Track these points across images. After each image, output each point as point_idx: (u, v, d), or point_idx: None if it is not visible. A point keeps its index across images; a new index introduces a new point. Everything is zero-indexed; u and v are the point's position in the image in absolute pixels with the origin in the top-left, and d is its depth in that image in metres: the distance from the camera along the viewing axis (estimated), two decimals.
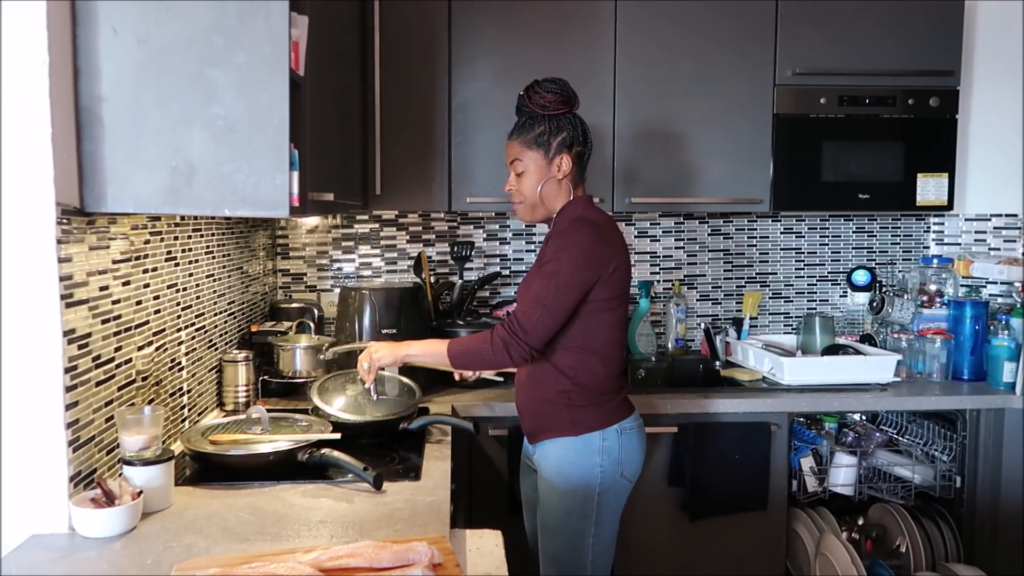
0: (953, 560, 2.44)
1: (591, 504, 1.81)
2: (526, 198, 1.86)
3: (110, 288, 1.49)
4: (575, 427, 1.80)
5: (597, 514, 1.81)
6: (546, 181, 1.83)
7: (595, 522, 1.82)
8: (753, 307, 2.97)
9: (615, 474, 1.82)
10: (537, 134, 1.82)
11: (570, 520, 1.82)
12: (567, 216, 1.84)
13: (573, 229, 1.78)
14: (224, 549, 1.28)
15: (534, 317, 1.73)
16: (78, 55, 1.34)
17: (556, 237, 1.79)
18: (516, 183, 1.87)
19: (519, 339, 1.73)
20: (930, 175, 2.63)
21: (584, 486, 1.80)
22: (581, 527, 1.81)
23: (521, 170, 1.85)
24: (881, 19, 2.55)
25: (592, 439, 1.80)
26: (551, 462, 1.83)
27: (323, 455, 1.63)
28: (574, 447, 1.80)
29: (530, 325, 1.73)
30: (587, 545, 1.82)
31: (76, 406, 1.36)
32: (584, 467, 1.80)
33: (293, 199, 1.40)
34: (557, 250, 1.75)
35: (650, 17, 2.50)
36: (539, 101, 1.82)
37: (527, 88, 1.86)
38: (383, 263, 2.89)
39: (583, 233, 1.76)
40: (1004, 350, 2.47)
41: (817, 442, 2.48)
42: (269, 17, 1.35)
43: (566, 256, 1.73)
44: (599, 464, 1.80)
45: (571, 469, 1.81)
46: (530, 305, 1.74)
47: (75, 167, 1.35)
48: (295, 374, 2.28)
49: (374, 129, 2.44)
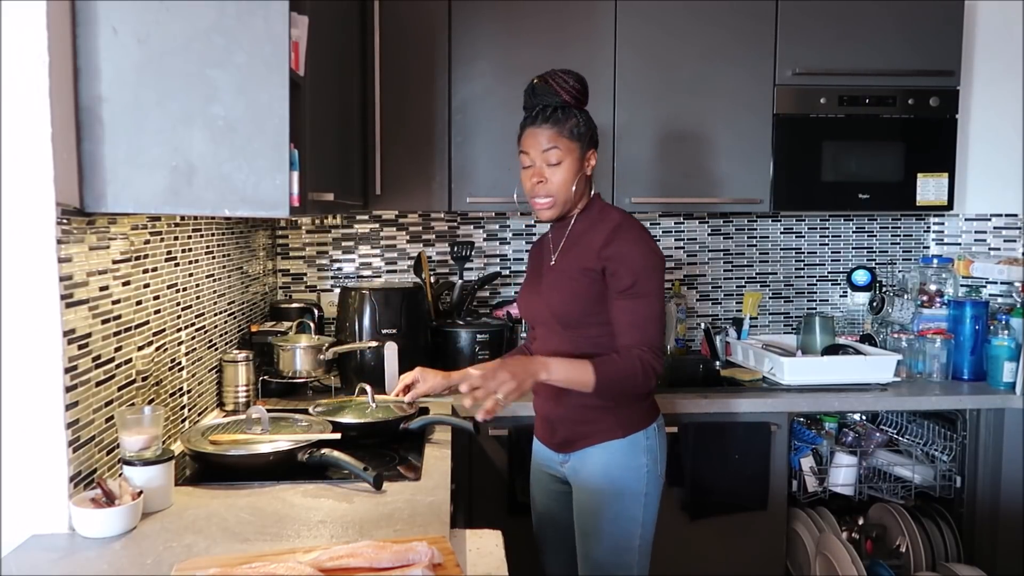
0: (953, 560, 2.44)
1: (638, 506, 1.78)
2: (558, 193, 1.77)
3: (110, 288, 1.49)
4: (622, 428, 1.77)
5: (644, 515, 1.80)
6: (579, 177, 1.77)
7: (641, 523, 1.79)
8: (753, 307, 2.97)
9: (657, 472, 1.81)
10: (572, 125, 1.75)
11: (618, 524, 1.78)
12: (607, 219, 1.78)
13: (631, 238, 1.74)
14: (224, 549, 1.28)
15: (657, 333, 1.73)
16: (78, 55, 1.34)
17: (615, 249, 1.73)
18: (548, 175, 1.76)
19: (659, 358, 1.71)
20: (930, 175, 2.63)
21: (632, 488, 1.78)
22: (629, 530, 1.79)
23: (557, 160, 1.74)
24: (881, 19, 2.55)
25: (638, 439, 1.78)
26: (596, 468, 1.79)
27: (323, 455, 1.63)
28: (620, 449, 1.77)
29: (657, 343, 1.72)
30: (634, 547, 1.79)
31: (76, 406, 1.36)
32: (631, 469, 1.78)
33: (293, 199, 1.40)
34: (636, 268, 1.71)
35: (650, 17, 2.50)
36: (565, 88, 1.75)
37: (546, 75, 1.77)
38: (383, 263, 2.89)
39: (646, 240, 1.75)
40: (1004, 350, 2.47)
41: (817, 442, 2.48)
42: (269, 17, 1.35)
43: (650, 268, 1.72)
44: (645, 464, 1.78)
45: (618, 472, 1.78)
46: (646, 325, 1.71)
47: (75, 167, 1.35)
48: (295, 374, 2.27)
49: (374, 129, 2.44)
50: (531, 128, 1.77)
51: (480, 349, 2.44)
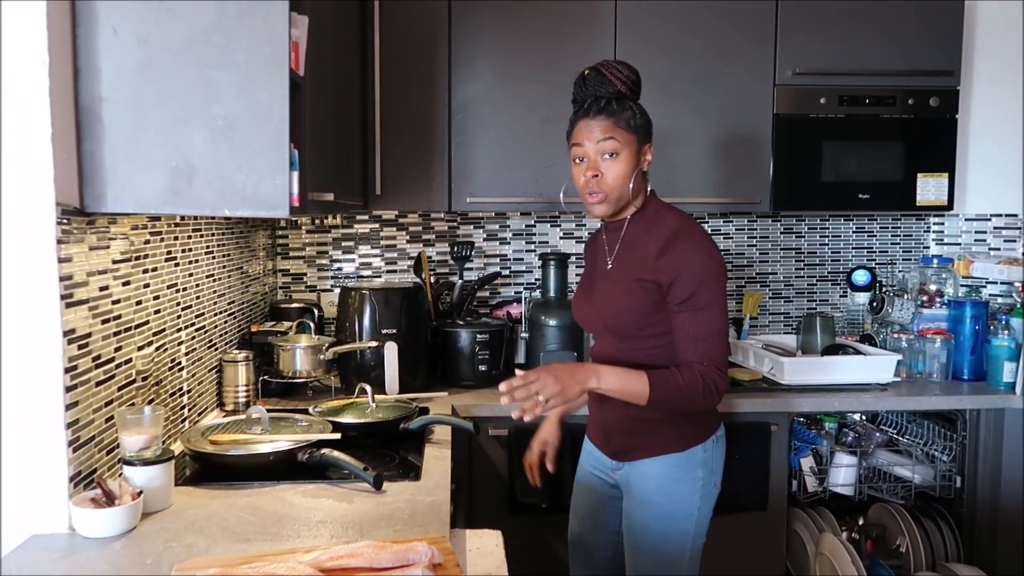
0: (953, 560, 2.44)
1: (691, 520, 1.73)
2: (613, 188, 1.66)
3: (110, 288, 1.49)
4: (680, 443, 1.71)
5: (695, 528, 1.74)
6: (636, 171, 1.67)
7: (692, 536, 1.74)
8: (753, 307, 2.97)
9: (711, 485, 1.75)
10: (628, 116, 1.65)
11: (669, 539, 1.73)
12: (664, 224, 1.69)
13: (692, 246, 1.64)
14: (224, 549, 1.28)
15: (720, 348, 1.65)
16: (78, 55, 1.34)
17: (672, 258, 1.63)
18: (603, 169, 1.65)
19: (723, 375, 1.63)
20: (930, 175, 2.63)
21: (685, 503, 1.73)
22: (680, 545, 1.74)
23: (613, 151, 1.64)
24: (881, 19, 2.55)
25: (695, 453, 1.72)
26: (650, 481, 1.73)
27: (323, 455, 1.63)
28: (677, 463, 1.71)
29: (722, 357, 1.65)
30: (684, 562, 1.75)
31: (76, 406, 1.36)
32: (686, 483, 1.72)
33: (293, 199, 1.40)
34: (695, 278, 1.61)
35: (650, 17, 2.50)
36: (619, 77, 1.65)
37: (598, 65, 1.67)
38: (383, 263, 2.89)
39: (707, 248, 1.65)
40: (1004, 350, 2.47)
41: (817, 442, 2.48)
42: (269, 17, 1.35)
43: (712, 281, 1.63)
44: (700, 478, 1.72)
45: (673, 487, 1.72)
46: (713, 339, 1.64)
47: (75, 167, 1.35)
48: (295, 374, 2.27)
49: (374, 129, 2.44)
50: (583, 120, 1.67)
51: (480, 349, 2.44)
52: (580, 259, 2.87)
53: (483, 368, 2.45)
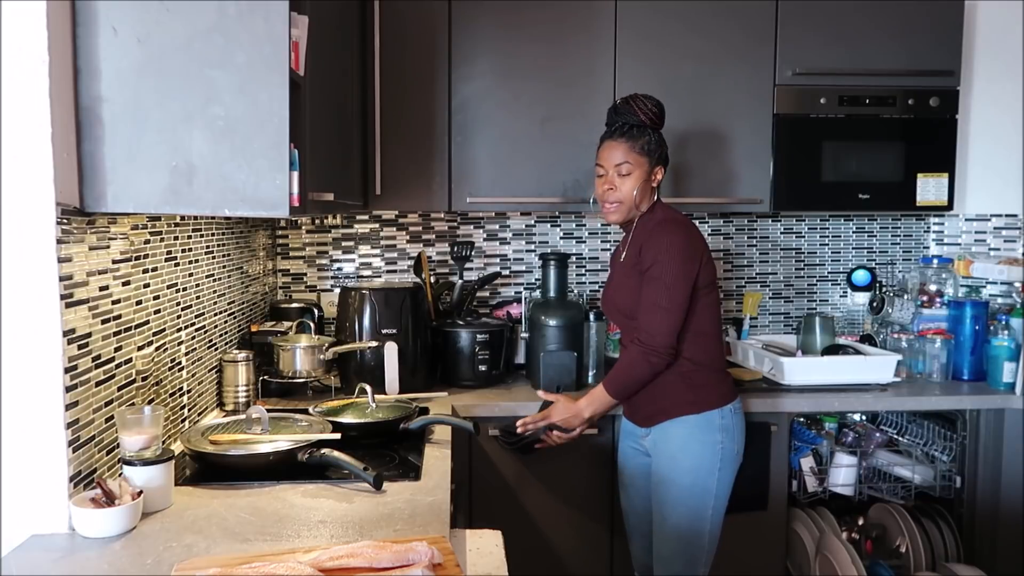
0: (953, 560, 2.44)
1: (712, 479, 1.95)
2: (624, 199, 2.00)
3: (110, 288, 1.49)
4: (696, 406, 1.96)
5: (717, 487, 1.96)
6: (643, 186, 1.99)
7: (715, 495, 1.96)
8: (753, 307, 2.97)
9: (733, 451, 1.99)
10: (644, 143, 1.98)
11: (693, 494, 1.96)
12: (655, 219, 2.00)
13: (664, 230, 1.94)
14: (224, 549, 1.28)
15: (655, 321, 1.91)
16: (78, 55, 1.34)
17: (649, 240, 1.95)
18: (617, 183, 1.99)
19: (650, 347, 1.91)
20: (930, 175, 2.63)
21: (707, 462, 1.95)
22: (703, 501, 1.96)
23: (627, 172, 1.98)
24: (881, 19, 2.55)
25: (712, 417, 1.96)
26: (674, 440, 1.98)
27: (323, 455, 1.63)
28: (697, 425, 1.96)
29: (654, 329, 1.91)
30: (706, 517, 1.97)
31: (76, 406, 1.36)
32: (707, 443, 1.95)
33: (293, 199, 1.40)
34: (656, 254, 1.91)
35: (650, 17, 2.50)
36: (644, 110, 1.98)
37: (628, 98, 2.00)
38: (383, 263, 2.89)
39: (676, 232, 1.94)
40: (1004, 350, 2.47)
41: (817, 442, 2.48)
42: (269, 17, 1.35)
43: (666, 257, 1.90)
44: (720, 441, 1.96)
45: (695, 446, 1.96)
46: (648, 311, 1.92)
47: (75, 167, 1.35)
48: (295, 374, 2.27)
49: (374, 129, 2.44)
50: (609, 141, 2.02)
51: (480, 349, 2.44)
52: (580, 259, 2.93)
53: (483, 368, 2.45)
